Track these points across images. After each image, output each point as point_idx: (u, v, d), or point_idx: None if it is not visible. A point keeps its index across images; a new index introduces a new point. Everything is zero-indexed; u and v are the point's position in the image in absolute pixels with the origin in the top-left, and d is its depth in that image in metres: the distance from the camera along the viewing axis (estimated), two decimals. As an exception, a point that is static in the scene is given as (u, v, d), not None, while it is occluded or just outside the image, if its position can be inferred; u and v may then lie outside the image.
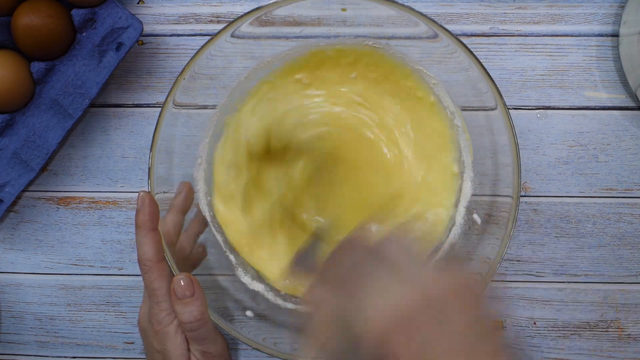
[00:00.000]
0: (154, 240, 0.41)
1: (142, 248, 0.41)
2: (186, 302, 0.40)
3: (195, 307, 0.40)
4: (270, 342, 0.43)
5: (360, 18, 0.45)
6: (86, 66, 0.47)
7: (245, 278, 0.47)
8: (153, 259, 0.41)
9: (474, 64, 0.41)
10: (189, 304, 0.40)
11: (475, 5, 0.50)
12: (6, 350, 0.53)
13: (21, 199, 0.52)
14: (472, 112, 0.45)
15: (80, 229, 0.52)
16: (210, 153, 0.47)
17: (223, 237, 0.48)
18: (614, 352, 0.51)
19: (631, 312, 0.50)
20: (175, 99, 0.42)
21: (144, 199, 0.41)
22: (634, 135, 0.50)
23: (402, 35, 0.45)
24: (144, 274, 0.41)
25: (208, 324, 0.41)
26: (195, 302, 0.40)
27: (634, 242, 0.50)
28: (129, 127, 0.51)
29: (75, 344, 0.52)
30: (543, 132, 0.50)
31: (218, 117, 0.47)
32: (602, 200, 0.50)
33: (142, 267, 0.41)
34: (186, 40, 0.51)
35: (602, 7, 0.50)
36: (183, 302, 0.40)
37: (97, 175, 0.52)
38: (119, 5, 0.47)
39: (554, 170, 0.50)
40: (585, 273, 0.51)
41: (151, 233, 0.41)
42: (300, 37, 0.47)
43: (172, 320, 0.41)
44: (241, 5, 0.51)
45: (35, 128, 0.48)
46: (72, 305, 0.52)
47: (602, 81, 0.50)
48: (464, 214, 0.47)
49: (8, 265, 0.52)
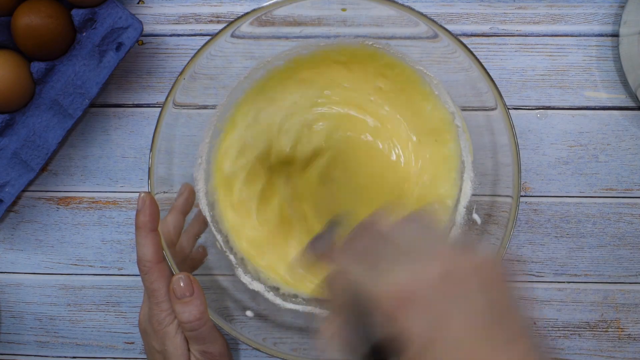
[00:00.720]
0: (154, 241, 0.41)
1: (141, 249, 0.41)
2: (185, 301, 0.40)
3: (195, 307, 0.40)
4: (270, 342, 0.43)
5: (360, 18, 0.45)
6: (86, 66, 0.47)
7: (245, 278, 0.47)
8: (152, 260, 0.41)
9: (474, 64, 0.41)
10: (188, 303, 0.40)
11: (475, 5, 0.50)
12: (6, 350, 0.53)
13: (21, 199, 0.52)
14: (472, 112, 0.45)
15: (80, 229, 0.52)
16: (210, 153, 0.47)
17: (223, 237, 0.48)
18: (614, 352, 0.51)
19: (631, 312, 0.50)
20: (176, 99, 0.42)
21: (145, 200, 0.41)
22: (634, 135, 0.50)
23: (402, 35, 0.45)
24: (143, 275, 0.41)
25: (208, 324, 0.41)
26: (194, 302, 0.40)
27: (634, 242, 0.50)
28: (129, 127, 0.51)
29: (75, 344, 0.52)
30: (543, 132, 0.50)
31: (218, 118, 0.47)
32: (602, 200, 0.50)
33: (141, 268, 0.41)
34: (186, 40, 0.51)
35: (602, 7, 0.50)
36: (182, 301, 0.40)
37: (97, 175, 0.52)
38: (119, 5, 0.47)
39: (554, 170, 0.50)
40: (585, 273, 0.51)
41: (151, 234, 0.41)
42: (300, 37, 0.47)
43: (172, 321, 0.41)
44: (241, 5, 0.51)
45: (35, 128, 0.48)
46: (72, 305, 0.52)
47: (602, 81, 0.50)
48: (464, 214, 0.47)
49: (8, 265, 0.52)
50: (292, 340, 0.45)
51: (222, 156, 0.48)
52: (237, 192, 0.48)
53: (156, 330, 0.41)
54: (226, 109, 0.47)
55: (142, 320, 0.44)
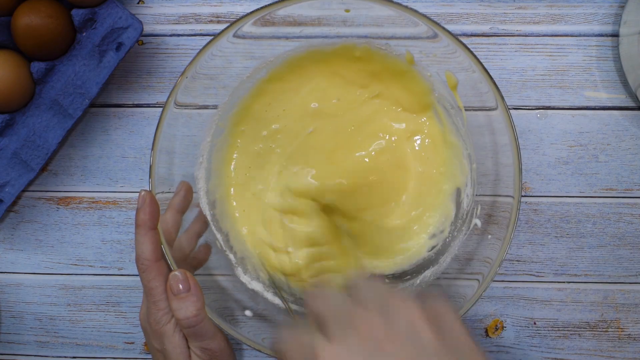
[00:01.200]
0: (153, 239, 0.41)
1: (140, 247, 0.41)
2: (182, 297, 0.40)
3: (192, 303, 0.40)
4: (269, 342, 0.43)
5: (360, 18, 0.45)
6: (86, 66, 0.47)
7: (244, 277, 0.47)
8: (151, 258, 0.41)
9: (474, 64, 0.41)
10: (185, 299, 0.40)
11: (475, 5, 0.50)
12: (6, 350, 0.53)
13: (21, 199, 0.52)
14: (473, 112, 0.45)
15: (80, 229, 0.52)
16: (211, 152, 0.47)
17: (223, 236, 0.48)
18: (614, 352, 0.51)
19: (631, 312, 0.50)
20: (177, 98, 0.42)
21: (145, 198, 0.41)
22: (634, 135, 0.50)
23: (402, 35, 0.45)
24: (141, 273, 0.41)
25: (205, 321, 0.41)
26: (191, 298, 0.40)
27: (634, 242, 0.50)
28: (129, 127, 0.51)
29: (75, 344, 0.52)
30: (543, 132, 0.50)
31: (219, 117, 0.47)
32: (602, 200, 0.50)
33: (139, 266, 0.41)
34: (186, 40, 0.51)
35: (602, 7, 0.50)
36: (179, 297, 0.40)
37: (97, 175, 0.52)
38: (119, 5, 0.47)
39: (554, 170, 0.50)
40: (585, 273, 0.51)
41: (150, 232, 0.41)
42: (300, 37, 0.47)
43: (170, 320, 0.41)
44: (241, 6, 0.51)
45: (35, 128, 0.48)
46: (72, 305, 0.52)
47: (602, 81, 0.50)
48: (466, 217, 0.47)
49: (8, 265, 0.52)
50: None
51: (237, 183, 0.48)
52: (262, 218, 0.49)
53: (154, 329, 0.41)
54: (228, 109, 0.47)
55: (142, 320, 0.44)
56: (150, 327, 0.42)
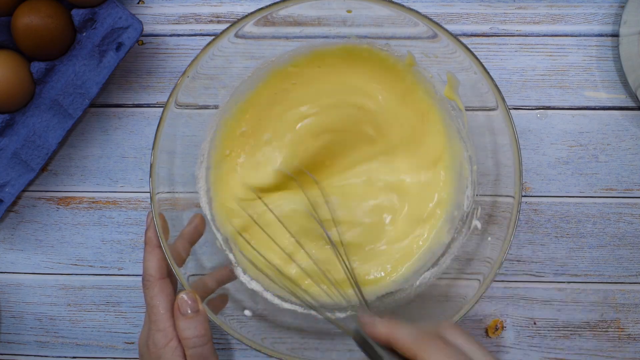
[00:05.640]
0: (159, 256, 0.41)
1: (146, 263, 0.41)
2: (190, 317, 0.40)
3: (200, 323, 0.40)
4: (269, 342, 0.43)
5: (360, 18, 0.45)
6: (86, 66, 0.47)
7: (244, 277, 0.47)
8: (156, 275, 0.41)
9: (474, 64, 0.41)
10: (193, 319, 0.40)
11: (475, 5, 0.50)
12: (6, 350, 0.53)
13: (21, 199, 0.52)
14: (473, 112, 0.45)
15: (80, 229, 0.52)
16: (211, 153, 0.47)
17: (223, 237, 0.48)
18: (614, 352, 0.51)
19: (631, 312, 0.50)
20: (178, 98, 0.42)
21: (153, 219, 0.41)
22: (634, 135, 0.50)
23: (402, 35, 0.45)
24: (145, 289, 0.41)
25: (210, 343, 0.41)
26: (199, 318, 0.40)
27: (634, 242, 0.50)
28: (129, 127, 0.51)
29: (75, 344, 0.52)
30: (543, 132, 0.50)
31: (221, 116, 0.47)
32: (602, 200, 0.50)
33: (144, 282, 0.41)
34: (186, 40, 0.51)
35: (602, 7, 0.50)
36: (187, 317, 0.40)
37: (97, 175, 0.52)
38: (119, 5, 0.47)
39: (554, 170, 0.50)
40: (585, 273, 0.51)
41: (157, 249, 0.41)
42: (300, 37, 0.47)
43: (168, 343, 0.40)
44: (241, 6, 0.51)
45: (35, 128, 0.48)
46: (72, 305, 0.52)
47: (602, 81, 0.50)
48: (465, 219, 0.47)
49: (8, 265, 0.52)
50: (291, 340, 0.46)
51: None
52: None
53: (151, 352, 0.41)
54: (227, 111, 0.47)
55: (141, 344, 0.43)
56: (148, 350, 0.41)
